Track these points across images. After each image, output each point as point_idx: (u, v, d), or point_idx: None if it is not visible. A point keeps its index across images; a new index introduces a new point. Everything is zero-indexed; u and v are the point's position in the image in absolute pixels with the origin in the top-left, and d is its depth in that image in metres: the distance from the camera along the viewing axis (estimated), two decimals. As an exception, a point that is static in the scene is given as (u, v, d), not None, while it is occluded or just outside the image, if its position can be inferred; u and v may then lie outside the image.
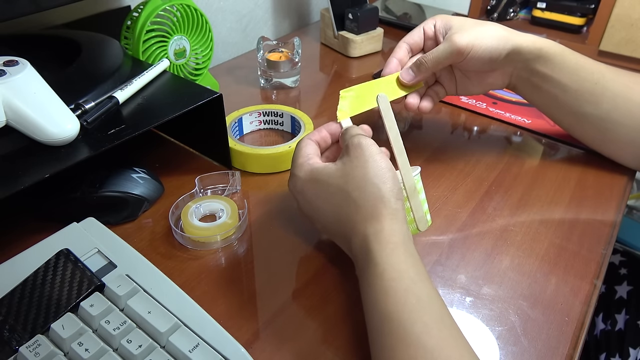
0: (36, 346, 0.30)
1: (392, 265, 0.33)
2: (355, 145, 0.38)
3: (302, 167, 0.40)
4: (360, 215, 0.36)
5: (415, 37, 0.53)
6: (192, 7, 0.59)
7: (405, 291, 0.32)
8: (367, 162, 0.37)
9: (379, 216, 0.35)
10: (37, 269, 0.35)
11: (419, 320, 0.31)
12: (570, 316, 0.39)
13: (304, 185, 0.39)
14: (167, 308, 0.33)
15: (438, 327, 0.31)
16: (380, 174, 0.36)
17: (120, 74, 0.48)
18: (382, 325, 0.32)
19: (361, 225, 0.36)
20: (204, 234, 0.44)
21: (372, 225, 0.35)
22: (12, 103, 0.37)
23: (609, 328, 0.69)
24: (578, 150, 0.59)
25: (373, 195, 0.36)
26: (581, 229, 0.47)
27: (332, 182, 0.37)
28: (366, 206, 0.36)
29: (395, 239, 0.35)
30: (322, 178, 0.38)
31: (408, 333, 0.30)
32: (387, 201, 0.36)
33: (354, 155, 0.37)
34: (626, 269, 0.74)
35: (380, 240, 0.34)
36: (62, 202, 0.44)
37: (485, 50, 0.48)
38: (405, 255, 0.34)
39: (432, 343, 0.30)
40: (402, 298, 0.32)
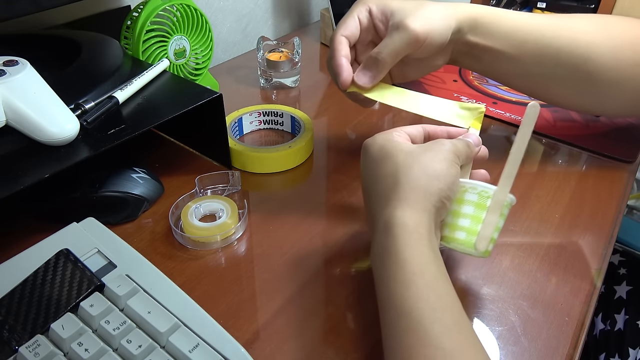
0: (36, 346, 0.30)
1: (414, 258, 0.32)
2: (441, 143, 0.37)
3: (385, 133, 0.39)
4: (396, 193, 0.35)
5: (352, 28, 0.46)
6: (192, 7, 0.59)
7: (427, 287, 0.31)
8: (437, 157, 0.36)
9: (414, 204, 0.34)
10: (37, 269, 0.35)
11: (439, 321, 0.30)
12: (570, 316, 0.39)
13: (373, 146, 0.39)
14: (167, 308, 0.33)
15: (457, 329, 0.30)
16: (439, 172, 0.35)
17: (120, 74, 0.48)
18: (398, 321, 0.31)
19: (394, 203, 0.34)
20: (204, 234, 0.44)
21: (403, 207, 0.34)
22: (12, 103, 0.37)
23: (609, 328, 0.69)
24: (578, 150, 0.59)
25: (418, 183, 0.35)
26: (581, 229, 0.47)
27: (395, 153, 0.37)
28: (407, 187, 0.35)
29: (422, 230, 0.33)
30: (389, 146, 0.38)
31: (427, 332, 0.29)
32: (429, 195, 0.34)
33: (432, 147, 0.37)
34: (625, 269, 0.74)
35: (405, 226, 0.33)
36: (62, 202, 0.44)
37: (439, 35, 0.44)
38: (429, 249, 0.33)
39: (451, 345, 0.29)
40: (423, 294, 0.31)
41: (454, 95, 0.70)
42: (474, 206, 0.37)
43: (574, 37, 0.47)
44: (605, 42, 0.47)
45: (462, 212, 0.37)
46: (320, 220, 0.48)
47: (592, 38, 0.47)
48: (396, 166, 0.36)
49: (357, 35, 0.47)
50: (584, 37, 0.47)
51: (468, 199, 0.37)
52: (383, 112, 0.67)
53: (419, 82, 0.73)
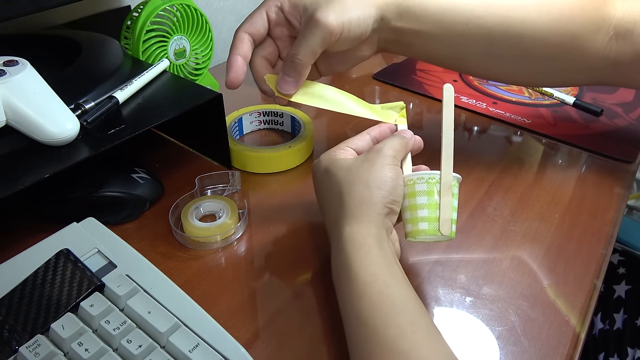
0: (36, 346, 0.30)
1: (364, 269, 0.33)
2: (377, 150, 0.38)
3: (329, 153, 0.40)
4: (342, 212, 0.36)
5: (258, 25, 0.44)
6: (192, 7, 0.59)
7: (379, 294, 0.32)
8: (374, 166, 0.37)
9: (359, 216, 0.35)
10: (37, 269, 0.35)
11: (393, 324, 0.31)
12: (570, 316, 0.39)
13: (319, 170, 0.40)
14: (167, 308, 0.33)
15: (412, 329, 0.31)
16: (381, 180, 0.36)
17: (120, 74, 0.48)
18: (357, 331, 0.32)
19: (341, 222, 0.36)
20: (204, 234, 0.44)
21: (350, 224, 0.35)
22: (12, 103, 0.37)
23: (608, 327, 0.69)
24: (578, 150, 0.59)
25: (360, 196, 0.36)
26: (581, 229, 0.47)
27: (337, 172, 0.38)
28: (351, 204, 0.36)
29: (370, 241, 0.34)
30: (331, 166, 0.38)
31: (382, 338, 0.30)
32: (373, 205, 0.35)
33: (369, 157, 0.38)
34: (625, 269, 0.74)
35: (354, 242, 0.34)
36: (62, 202, 0.44)
37: (357, 25, 0.41)
38: (379, 257, 0.34)
39: (406, 346, 0.30)
40: (376, 302, 0.32)
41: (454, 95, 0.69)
42: (426, 195, 0.38)
43: (506, 14, 0.45)
44: (542, 16, 0.45)
45: (418, 203, 0.38)
46: (320, 220, 0.48)
47: (527, 13, 0.45)
48: (339, 185, 0.37)
49: (262, 33, 0.44)
50: (518, 13, 0.45)
51: (419, 190, 0.38)
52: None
53: (418, 82, 0.73)
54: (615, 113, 0.66)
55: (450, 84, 0.41)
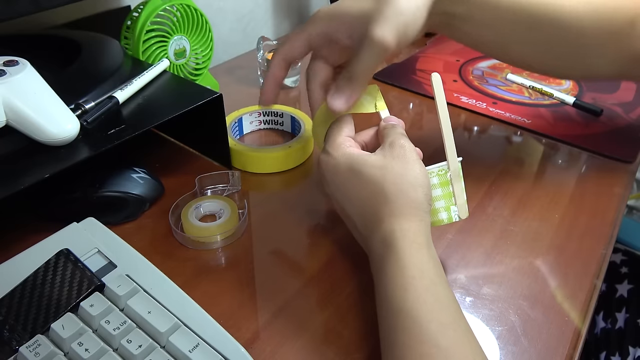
0: (36, 346, 0.30)
1: (414, 264, 0.33)
2: (400, 145, 0.38)
3: (339, 147, 0.40)
4: (388, 210, 0.36)
5: (295, 53, 0.44)
6: (192, 7, 0.59)
7: (425, 290, 0.32)
8: (408, 164, 0.37)
9: (409, 216, 0.36)
10: (37, 269, 0.35)
11: (436, 320, 0.31)
12: (570, 316, 0.39)
13: (338, 167, 0.39)
14: (167, 308, 0.33)
15: (453, 328, 0.31)
16: (419, 178, 0.37)
17: (120, 74, 0.48)
18: (396, 322, 0.32)
19: (387, 220, 0.36)
20: (204, 234, 0.44)
21: (399, 222, 0.35)
22: (12, 103, 0.37)
23: (609, 326, 0.69)
24: (578, 150, 0.59)
25: (407, 195, 0.36)
26: (581, 229, 0.47)
27: (368, 171, 0.37)
28: (398, 203, 0.36)
29: (421, 239, 0.35)
30: (358, 165, 0.38)
31: (424, 331, 0.30)
32: (420, 204, 0.36)
33: (397, 154, 0.38)
34: (627, 268, 0.74)
35: (405, 237, 0.35)
36: (62, 202, 0.44)
37: (413, 30, 0.39)
38: (428, 256, 0.34)
39: (446, 343, 0.30)
40: (422, 296, 0.32)
41: (454, 95, 0.70)
42: (440, 187, 0.40)
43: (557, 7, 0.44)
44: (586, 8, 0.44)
45: (434, 196, 0.40)
46: (320, 220, 0.48)
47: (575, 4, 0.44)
48: (379, 184, 0.37)
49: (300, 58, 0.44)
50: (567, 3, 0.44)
51: (433, 183, 0.40)
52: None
53: (418, 82, 0.73)
54: (615, 113, 0.66)
55: (437, 73, 0.41)
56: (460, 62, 0.80)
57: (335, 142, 0.40)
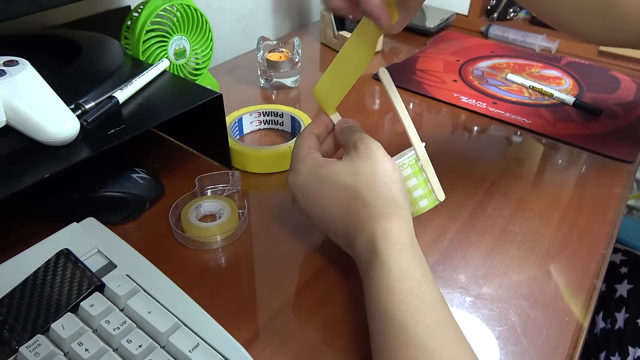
0: (36, 346, 0.30)
1: (398, 266, 0.33)
2: (365, 146, 0.38)
3: (304, 161, 0.39)
4: (367, 214, 0.36)
5: None
6: (192, 7, 0.59)
7: (410, 292, 0.32)
8: (378, 163, 0.37)
9: (389, 215, 0.35)
10: (37, 269, 0.35)
11: (422, 322, 0.31)
12: (570, 316, 0.39)
13: (306, 180, 0.39)
14: (167, 308, 0.33)
15: (440, 329, 0.31)
16: (391, 175, 0.37)
17: (120, 74, 0.48)
18: (384, 326, 0.32)
19: (368, 223, 0.36)
20: (204, 234, 0.44)
21: (380, 224, 0.35)
22: (12, 103, 0.37)
23: (609, 327, 0.69)
24: (578, 150, 0.59)
25: (383, 195, 0.36)
26: (581, 229, 0.47)
27: (339, 179, 0.37)
28: (375, 205, 0.36)
29: (403, 239, 0.35)
30: (327, 174, 0.38)
31: (410, 335, 0.30)
32: (397, 201, 0.36)
33: (364, 155, 0.37)
34: (627, 268, 0.74)
35: (388, 240, 0.34)
36: (62, 202, 0.44)
37: None
38: (411, 256, 0.34)
39: (433, 345, 0.30)
40: (406, 299, 0.32)
41: (453, 95, 0.70)
42: (414, 176, 0.40)
43: None
44: None
45: (410, 187, 0.40)
46: (320, 220, 0.48)
47: None
48: (354, 189, 0.36)
49: None
50: None
51: (405, 174, 0.39)
52: (383, 112, 0.67)
53: (418, 82, 0.73)
54: (615, 113, 0.66)
55: (384, 68, 0.41)
56: (460, 62, 0.80)
57: (298, 157, 0.40)
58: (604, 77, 0.77)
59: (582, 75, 0.76)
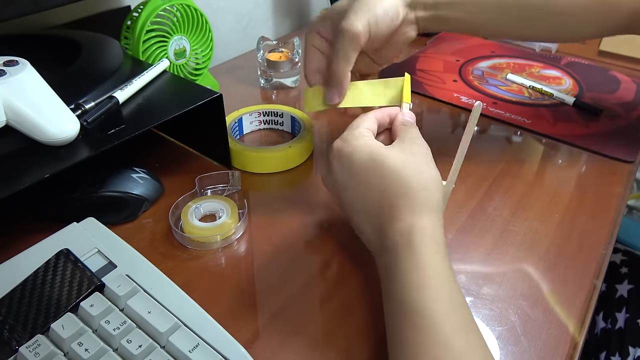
0: (36, 346, 0.30)
1: (432, 263, 0.33)
2: (419, 144, 0.39)
3: (357, 138, 0.39)
4: (409, 204, 0.36)
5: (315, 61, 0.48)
6: (192, 7, 0.59)
7: (440, 290, 0.32)
8: (428, 162, 0.38)
9: (429, 213, 0.35)
10: (37, 269, 0.35)
11: (449, 322, 0.30)
12: (570, 316, 0.39)
13: (355, 155, 0.38)
14: (167, 308, 0.33)
15: (466, 331, 0.31)
16: (437, 179, 0.38)
17: (120, 74, 0.48)
18: (409, 320, 0.31)
19: (408, 214, 0.35)
20: (204, 234, 0.44)
21: (420, 218, 0.35)
22: (12, 103, 0.37)
23: (609, 326, 0.69)
24: (578, 150, 0.59)
25: (428, 191, 0.36)
26: (581, 229, 0.47)
27: (390, 161, 0.37)
28: (419, 197, 0.36)
29: (439, 239, 0.35)
30: (379, 155, 0.38)
31: (438, 332, 0.30)
32: (437, 203, 0.36)
33: (417, 151, 0.38)
34: (627, 268, 0.74)
35: (425, 235, 0.34)
36: (62, 202, 0.44)
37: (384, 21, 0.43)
38: (443, 255, 0.34)
39: (460, 345, 0.30)
40: (437, 295, 0.31)
41: (454, 95, 0.70)
42: None
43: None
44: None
45: None
46: (320, 220, 0.48)
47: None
48: (401, 175, 0.36)
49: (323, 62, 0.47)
50: None
51: None
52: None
53: (418, 82, 0.73)
54: (615, 113, 0.66)
55: (480, 103, 0.40)
56: (460, 62, 0.80)
57: (354, 131, 0.40)
58: (604, 77, 0.77)
59: (582, 75, 0.76)
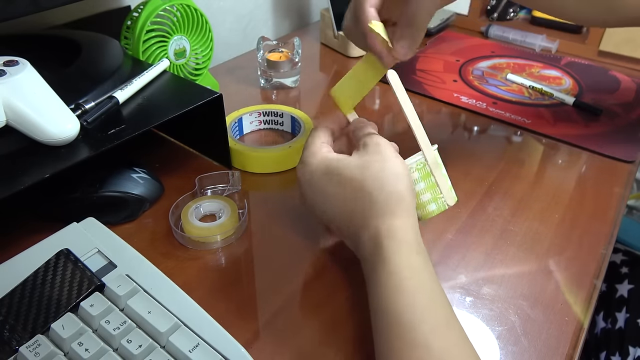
0: (36, 346, 0.30)
1: (403, 264, 0.33)
2: (374, 143, 0.38)
3: (315, 155, 0.39)
4: (374, 210, 0.36)
5: None
6: (192, 7, 0.59)
7: (415, 290, 0.32)
8: (386, 160, 0.37)
9: (394, 212, 0.35)
10: (37, 269, 0.35)
11: (427, 321, 0.31)
12: (570, 316, 0.39)
13: (315, 174, 0.39)
14: (167, 308, 0.33)
15: (445, 329, 0.31)
16: (398, 172, 0.37)
17: (120, 74, 0.48)
18: (389, 325, 0.31)
19: (374, 220, 0.35)
20: (204, 234, 0.44)
21: (385, 221, 0.35)
22: (12, 103, 0.37)
23: (610, 326, 0.69)
24: (578, 150, 0.59)
25: (390, 192, 0.36)
26: (581, 229, 0.47)
27: (348, 173, 0.37)
28: (381, 201, 0.36)
29: (409, 237, 0.34)
30: (336, 168, 0.38)
31: (416, 334, 0.30)
32: (403, 197, 0.36)
33: (372, 151, 0.38)
34: (627, 268, 0.74)
35: (393, 237, 0.34)
36: (62, 202, 0.44)
37: None
38: (416, 254, 0.34)
39: (438, 345, 0.30)
40: (412, 297, 0.32)
41: (453, 95, 0.70)
42: (422, 180, 0.39)
43: None
44: None
45: (418, 190, 0.39)
46: (320, 220, 0.48)
47: None
48: (361, 183, 0.36)
49: None
50: None
51: (414, 178, 0.39)
52: (383, 112, 0.67)
53: (418, 82, 0.73)
54: (615, 113, 0.66)
55: (393, 71, 0.40)
56: (460, 62, 0.80)
57: (310, 151, 0.40)
58: (604, 77, 0.77)
59: (582, 75, 0.76)
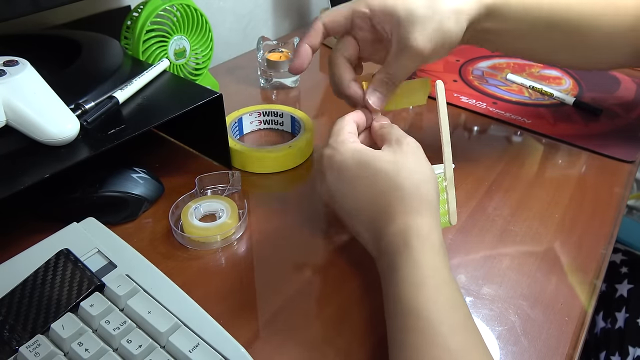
0: (36, 346, 0.30)
1: (428, 263, 0.33)
2: (408, 142, 0.39)
3: (345, 143, 0.39)
4: (402, 205, 0.36)
5: (338, 26, 0.44)
6: (192, 7, 0.59)
7: (437, 290, 0.32)
8: (419, 160, 0.38)
9: (423, 212, 0.36)
10: (37, 269, 0.35)
11: (447, 321, 0.30)
12: (570, 316, 0.39)
13: (345, 162, 0.38)
14: (167, 308, 0.33)
15: (463, 330, 0.31)
16: (430, 174, 0.38)
17: (120, 74, 0.48)
18: (407, 321, 0.31)
19: (402, 215, 0.35)
20: (204, 234, 0.44)
21: (414, 218, 0.35)
22: (12, 103, 0.37)
23: (609, 326, 0.69)
24: (578, 150, 0.59)
25: (421, 191, 0.36)
26: (581, 229, 0.47)
27: (381, 165, 0.37)
28: (412, 198, 0.36)
29: (434, 237, 0.35)
30: (369, 160, 0.38)
31: (435, 332, 0.30)
32: (431, 200, 0.37)
33: (407, 150, 0.38)
34: (627, 268, 0.74)
35: (420, 235, 0.34)
36: (62, 202, 0.44)
37: (450, 43, 0.42)
38: (440, 255, 0.34)
39: (457, 345, 0.30)
40: (434, 296, 0.32)
41: (454, 95, 0.70)
42: None
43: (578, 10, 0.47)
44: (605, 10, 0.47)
45: None
46: (320, 220, 0.48)
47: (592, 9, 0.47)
48: (393, 179, 0.37)
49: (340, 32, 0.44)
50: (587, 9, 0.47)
51: None
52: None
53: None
54: (615, 113, 0.66)
55: (441, 81, 0.41)
56: (460, 62, 0.80)
57: (339, 139, 0.40)
58: (604, 77, 0.77)
59: (582, 75, 0.76)
